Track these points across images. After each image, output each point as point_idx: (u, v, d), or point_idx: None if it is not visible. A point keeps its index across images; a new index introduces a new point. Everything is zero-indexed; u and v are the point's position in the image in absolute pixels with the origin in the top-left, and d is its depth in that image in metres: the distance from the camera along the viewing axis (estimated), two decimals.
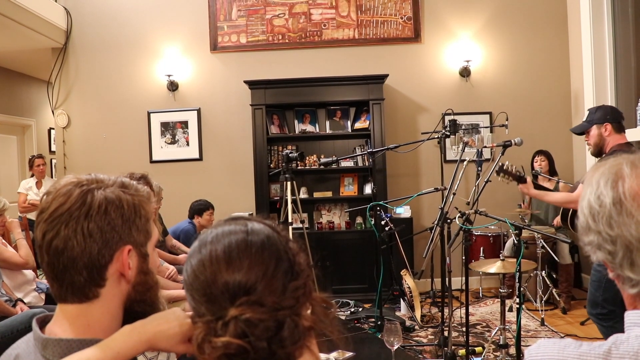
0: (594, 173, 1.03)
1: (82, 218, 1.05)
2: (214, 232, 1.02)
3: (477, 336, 4.51)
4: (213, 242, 1.00)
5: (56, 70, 6.41)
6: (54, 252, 1.05)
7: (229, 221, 1.06)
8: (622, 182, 0.97)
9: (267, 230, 1.03)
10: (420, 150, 6.01)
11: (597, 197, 0.99)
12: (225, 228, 1.02)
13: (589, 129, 3.49)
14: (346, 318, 5.01)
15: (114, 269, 1.09)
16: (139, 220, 1.13)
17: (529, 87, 6.26)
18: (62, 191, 1.08)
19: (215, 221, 1.10)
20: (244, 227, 1.02)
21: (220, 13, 6.31)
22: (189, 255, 1.02)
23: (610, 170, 1.00)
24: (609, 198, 0.97)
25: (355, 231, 6.02)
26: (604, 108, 3.51)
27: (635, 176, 0.97)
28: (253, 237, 1.00)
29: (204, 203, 5.45)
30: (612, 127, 3.38)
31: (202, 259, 0.98)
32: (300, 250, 1.05)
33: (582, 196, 1.04)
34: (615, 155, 1.05)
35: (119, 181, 1.15)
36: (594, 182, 1.01)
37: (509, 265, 3.34)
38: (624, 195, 0.96)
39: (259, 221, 1.05)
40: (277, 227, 1.06)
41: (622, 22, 5.44)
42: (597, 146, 3.46)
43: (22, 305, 3.46)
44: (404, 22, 6.27)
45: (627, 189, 0.96)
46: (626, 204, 0.95)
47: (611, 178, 0.99)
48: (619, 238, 0.95)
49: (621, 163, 1.00)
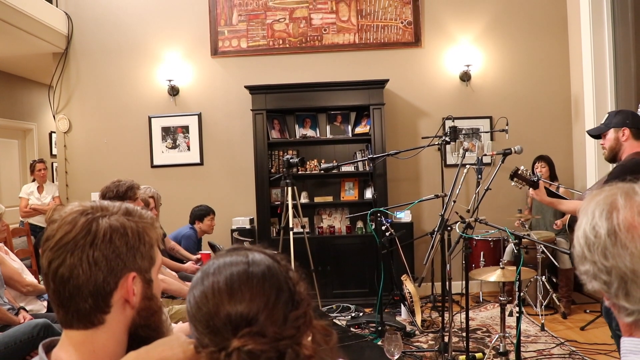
0: (590, 203, 1.04)
1: (88, 247, 1.07)
2: (216, 263, 1.04)
3: (478, 341, 4.52)
4: (215, 273, 1.02)
5: (57, 75, 6.43)
6: (60, 280, 1.07)
7: (230, 252, 1.07)
8: (616, 214, 0.98)
9: (267, 260, 1.05)
10: (420, 155, 6.02)
11: (593, 228, 1.00)
12: (227, 259, 1.04)
13: (605, 132, 3.31)
14: (347, 323, 5.03)
15: (119, 295, 1.11)
16: (143, 247, 1.14)
17: (529, 91, 6.27)
18: (67, 219, 1.10)
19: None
20: (245, 258, 1.04)
21: (221, 18, 6.32)
22: (191, 286, 1.04)
23: (605, 200, 1.01)
24: (603, 229, 0.98)
25: (355, 236, 6.04)
26: (624, 112, 3.32)
27: (629, 207, 0.98)
28: (254, 268, 1.02)
29: (205, 208, 5.46)
30: (630, 133, 3.20)
31: (204, 291, 1.00)
32: (300, 279, 1.07)
33: (577, 226, 1.05)
34: (611, 184, 1.06)
35: (123, 208, 1.16)
36: (589, 212, 1.03)
37: (508, 274, 3.35)
38: (618, 227, 0.97)
39: (259, 251, 1.07)
40: (277, 256, 1.08)
41: (621, 27, 5.45)
42: (612, 151, 3.29)
43: (25, 314, 3.48)
44: (405, 26, 6.28)
45: (621, 221, 0.97)
46: (620, 236, 0.96)
47: (606, 209, 1.00)
48: (614, 269, 0.96)
49: (616, 194, 1.02)
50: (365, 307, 5.57)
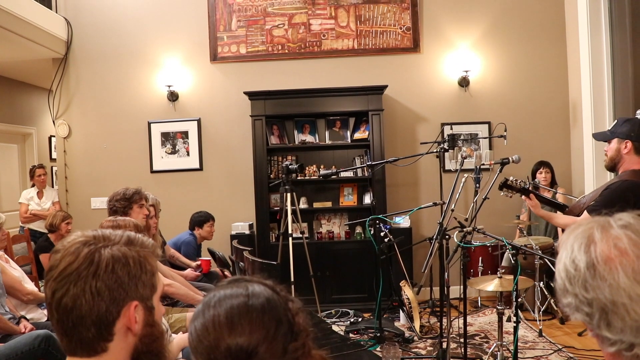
0: (569, 236, 1.07)
1: (91, 277, 1.09)
2: (217, 295, 1.07)
3: (476, 347, 4.54)
4: (215, 306, 1.04)
5: (57, 80, 6.45)
6: (64, 310, 1.10)
7: (231, 283, 1.10)
8: (594, 247, 1.01)
9: (267, 292, 1.07)
10: (419, 161, 6.03)
11: (572, 261, 1.03)
12: (227, 291, 1.06)
13: (610, 139, 3.23)
14: (346, 329, 5.05)
15: (122, 323, 1.14)
16: (145, 275, 1.17)
17: (528, 96, 6.30)
18: (70, 250, 1.12)
19: (221, 284, 1.13)
20: (244, 290, 1.06)
21: (220, 23, 6.34)
22: (193, 317, 1.07)
23: (583, 234, 1.05)
24: (583, 262, 1.01)
25: (354, 241, 6.06)
26: (632, 123, 3.19)
27: (605, 240, 1.01)
28: (254, 301, 1.04)
29: (205, 215, 5.48)
30: (632, 146, 3.11)
31: (205, 324, 1.02)
32: (299, 310, 1.09)
33: (558, 259, 1.09)
34: (588, 221, 1.08)
35: (125, 237, 1.19)
36: (568, 246, 1.06)
37: (506, 283, 3.38)
38: (596, 260, 1.00)
39: (259, 282, 1.09)
40: (277, 287, 1.10)
41: (619, 32, 5.48)
42: (612, 161, 3.22)
43: (26, 323, 3.50)
44: (403, 32, 6.30)
45: (599, 253, 1.00)
46: (599, 268, 0.99)
47: (584, 242, 1.03)
48: (595, 301, 0.99)
49: (593, 227, 1.05)
50: (364, 312, 5.60)
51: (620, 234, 1.01)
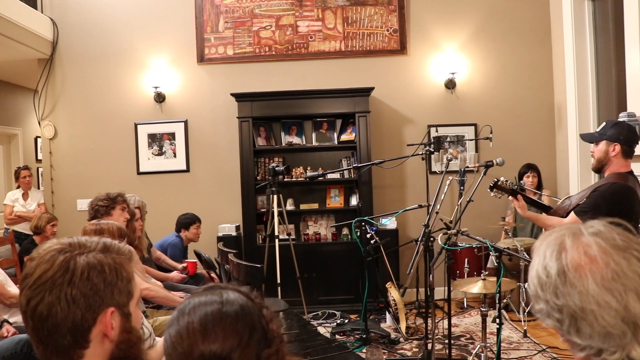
0: (542, 243, 1.09)
1: (66, 285, 1.09)
2: (192, 302, 1.07)
3: (461, 348, 4.57)
4: (190, 313, 1.04)
5: (42, 81, 6.40)
6: (39, 318, 1.10)
7: (206, 290, 1.10)
8: (565, 254, 1.03)
9: (241, 299, 1.07)
10: (406, 162, 6.05)
11: (544, 268, 1.05)
12: (202, 298, 1.07)
13: (597, 141, 3.25)
14: (332, 330, 5.06)
15: (98, 330, 1.14)
16: (121, 282, 1.17)
17: (514, 99, 6.34)
18: (45, 257, 1.12)
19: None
20: (219, 297, 1.07)
21: (207, 25, 6.33)
22: (168, 324, 1.07)
23: (555, 241, 1.07)
24: (554, 269, 1.03)
25: (341, 242, 6.07)
26: (621, 126, 3.21)
27: (576, 247, 1.03)
28: (227, 308, 1.04)
29: (191, 217, 5.46)
30: (621, 150, 3.14)
31: (179, 330, 1.03)
32: (274, 317, 1.10)
33: (531, 266, 1.11)
34: (561, 227, 1.10)
35: (100, 244, 1.19)
36: (541, 252, 1.08)
37: (490, 285, 3.40)
38: (567, 267, 1.02)
39: (234, 289, 1.10)
40: (251, 294, 1.11)
41: (603, 36, 5.54)
42: (599, 162, 3.24)
43: (9, 327, 3.47)
44: (390, 34, 6.32)
45: (569, 261, 1.02)
46: (569, 275, 1.01)
47: (555, 249, 1.05)
48: (565, 307, 1.01)
49: (564, 234, 1.07)
50: (350, 313, 5.61)
51: (590, 242, 1.03)
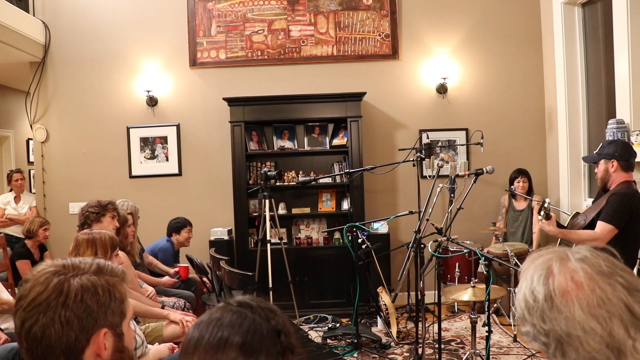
0: (529, 266, 1.11)
1: (60, 307, 1.11)
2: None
3: (452, 353, 4.61)
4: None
5: (34, 84, 6.39)
6: (33, 339, 1.12)
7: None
8: (552, 279, 1.05)
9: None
10: (397, 167, 6.09)
11: (532, 292, 1.07)
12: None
13: (598, 161, 3.51)
14: (323, 335, 5.08)
15: (91, 351, 1.16)
16: (114, 303, 1.19)
17: (505, 104, 6.37)
18: (40, 280, 1.14)
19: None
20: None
21: (200, 29, 6.34)
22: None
23: (542, 265, 1.08)
24: (541, 294, 1.05)
25: (333, 247, 6.10)
26: (615, 144, 3.48)
27: (563, 273, 1.05)
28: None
29: (182, 221, 5.46)
30: (619, 165, 3.38)
31: None
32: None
33: (518, 289, 1.12)
34: (548, 251, 1.12)
35: (94, 265, 1.21)
36: (528, 276, 1.09)
37: (479, 293, 3.44)
38: (554, 292, 1.04)
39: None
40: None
41: (593, 42, 5.59)
42: (602, 180, 3.48)
43: (0, 333, 3.47)
44: (382, 39, 6.35)
45: (556, 286, 1.04)
46: (556, 300, 1.03)
47: (543, 274, 1.07)
48: (551, 332, 1.03)
49: (552, 259, 1.08)
50: (342, 317, 5.63)
51: (577, 267, 1.05)
